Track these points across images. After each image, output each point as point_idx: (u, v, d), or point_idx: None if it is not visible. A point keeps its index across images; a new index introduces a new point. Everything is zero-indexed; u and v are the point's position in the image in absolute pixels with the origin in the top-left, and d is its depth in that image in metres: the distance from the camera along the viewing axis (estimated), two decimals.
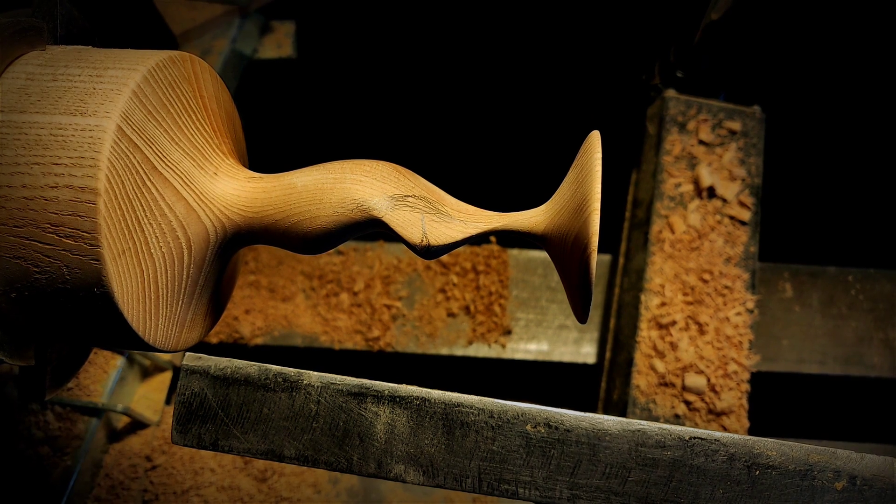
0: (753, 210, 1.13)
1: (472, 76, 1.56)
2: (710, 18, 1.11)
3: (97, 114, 0.48)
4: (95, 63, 0.52)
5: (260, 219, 0.58)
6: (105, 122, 0.48)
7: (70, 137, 0.48)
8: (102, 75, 0.51)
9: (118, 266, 0.49)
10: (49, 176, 0.47)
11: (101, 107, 0.49)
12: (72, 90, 0.50)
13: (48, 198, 0.47)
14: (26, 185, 0.48)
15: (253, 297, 1.23)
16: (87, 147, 0.48)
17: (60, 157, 0.48)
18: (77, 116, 0.48)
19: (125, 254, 0.50)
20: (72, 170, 0.47)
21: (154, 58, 0.53)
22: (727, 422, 1.02)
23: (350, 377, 0.48)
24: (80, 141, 0.48)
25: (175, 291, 0.56)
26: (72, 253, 0.48)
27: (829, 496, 0.46)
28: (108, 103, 0.49)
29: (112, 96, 0.49)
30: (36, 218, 0.48)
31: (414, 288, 1.25)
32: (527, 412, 0.47)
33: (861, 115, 1.43)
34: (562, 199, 0.56)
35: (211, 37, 1.31)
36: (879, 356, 1.17)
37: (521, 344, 1.22)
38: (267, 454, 0.47)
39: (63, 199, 0.47)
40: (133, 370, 1.10)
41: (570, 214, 0.54)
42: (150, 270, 0.53)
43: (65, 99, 0.49)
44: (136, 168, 0.50)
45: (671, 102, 1.19)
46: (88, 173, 0.47)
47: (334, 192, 0.56)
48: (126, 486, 1.06)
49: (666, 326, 1.06)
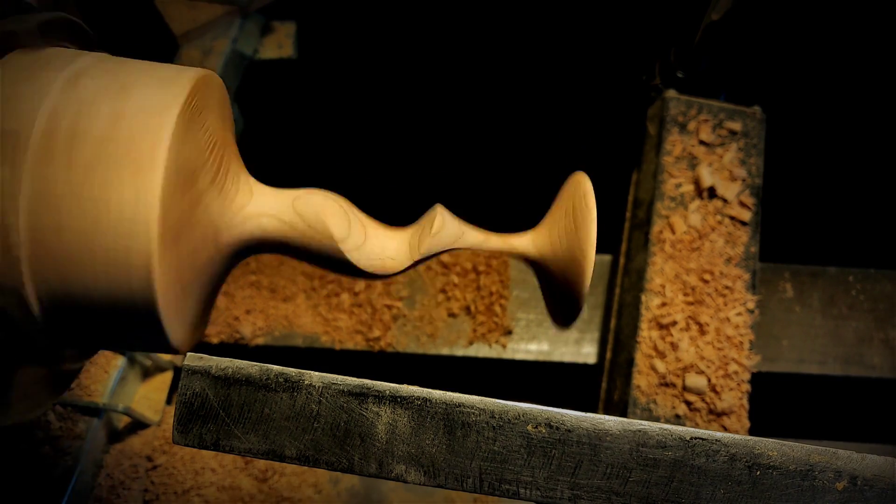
0: (754, 210, 1.13)
1: (473, 76, 1.56)
2: (710, 19, 1.11)
3: (151, 133, 0.49)
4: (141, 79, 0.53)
5: (280, 234, 0.59)
6: (161, 149, 0.48)
7: (129, 141, 0.48)
8: (153, 97, 0.51)
9: (164, 278, 0.50)
10: (111, 183, 0.48)
11: (153, 127, 0.49)
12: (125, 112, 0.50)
13: (109, 204, 0.48)
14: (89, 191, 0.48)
15: (254, 297, 1.23)
16: (146, 155, 0.48)
17: (115, 154, 0.48)
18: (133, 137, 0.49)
19: (169, 262, 0.50)
20: (134, 178, 0.48)
21: (194, 77, 0.53)
22: (728, 422, 1.02)
23: (351, 377, 0.48)
24: (140, 149, 0.48)
25: (196, 296, 0.57)
26: (121, 261, 0.48)
27: (830, 496, 0.46)
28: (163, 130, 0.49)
29: (165, 123, 0.49)
30: (94, 227, 0.48)
31: (415, 288, 1.25)
32: (528, 412, 0.47)
33: (861, 116, 1.43)
34: (553, 237, 0.60)
35: (211, 37, 1.31)
36: (880, 356, 1.17)
37: (522, 344, 1.22)
38: (268, 454, 0.47)
39: (123, 204, 0.48)
40: (134, 370, 1.10)
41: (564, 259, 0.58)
42: (186, 279, 0.54)
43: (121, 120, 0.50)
44: (184, 176, 0.51)
45: (671, 103, 1.19)
46: (148, 181, 0.48)
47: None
48: (127, 486, 1.06)
49: (666, 327, 1.06)
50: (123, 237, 0.48)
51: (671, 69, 1.20)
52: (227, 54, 1.30)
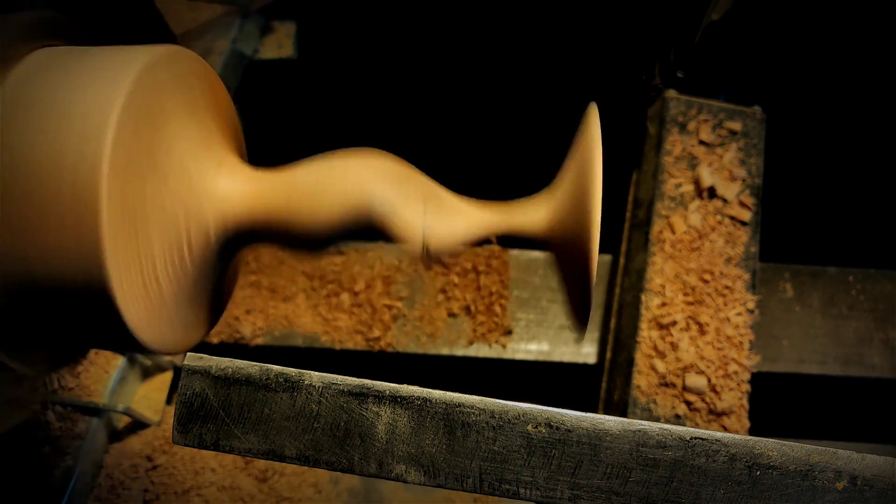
0: (754, 210, 1.13)
1: (473, 76, 1.56)
2: (710, 19, 1.11)
3: (99, 107, 0.48)
4: (97, 58, 0.52)
5: (262, 215, 0.57)
6: (106, 117, 0.47)
7: (74, 128, 0.47)
8: (104, 69, 0.50)
9: (118, 263, 0.49)
10: (52, 168, 0.47)
11: (101, 102, 0.48)
12: (74, 87, 0.49)
13: (50, 190, 0.47)
14: (29, 173, 0.47)
15: (254, 297, 1.24)
16: (91, 139, 0.47)
17: (64, 147, 0.47)
18: (78, 109, 0.48)
19: (126, 250, 0.49)
20: (76, 163, 0.47)
21: (154, 52, 0.52)
22: (728, 422, 1.02)
23: (351, 377, 0.48)
24: (83, 131, 0.47)
25: (176, 292, 0.56)
26: (72, 247, 0.47)
27: (830, 496, 0.46)
28: (109, 99, 0.48)
29: (112, 93, 0.48)
30: (38, 211, 0.47)
31: (415, 288, 1.25)
32: (528, 412, 0.47)
33: (861, 116, 1.43)
34: (562, 194, 0.56)
35: (211, 37, 1.31)
36: (880, 356, 1.17)
37: (522, 344, 1.22)
38: (268, 454, 0.47)
39: (65, 192, 0.47)
40: (134, 370, 1.10)
41: (571, 214, 0.54)
42: (151, 269, 0.52)
43: (66, 95, 0.49)
44: (136, 164, 0.50)
45: (672, 103, 1.19)
46: (92, 167, 0.47)
47: (335, 189, 0.56)
48: (127, 486, 1.06)
49: (666, 327, 1.06)
50: (73, 228, 0.47)
51: (671, 69, 1.20)
52: (227, 54, 1.30)
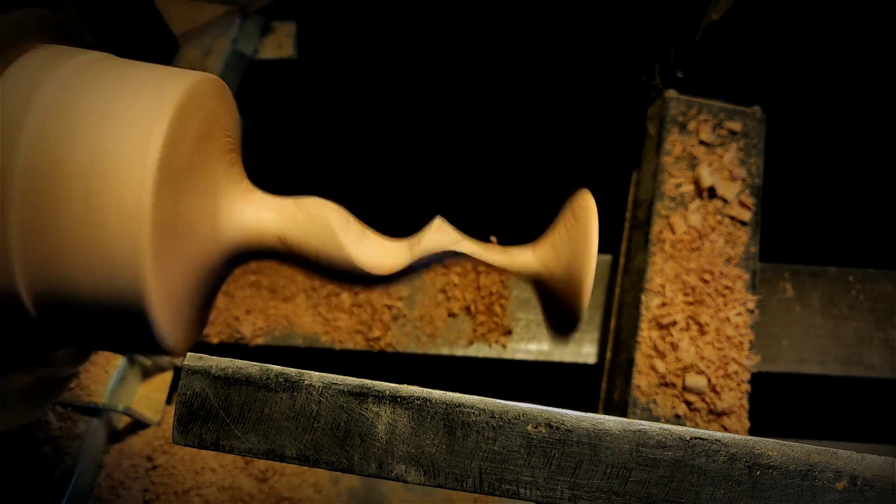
0: (754, 210, 1.13)
1: (473, 76, 1.56)
2: (710, 19, 1.11)
3: (148, 119, 0.50)
4: (137, 71, 0.54)
5: (291, 243, 0.60)
6: (157, 130, 0.49)
7: (122, 135, 0.49)
8: (149, 82, 0.52)
9: (156, 274, 0.50)
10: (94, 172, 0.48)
11: (151, 113, 0.50)
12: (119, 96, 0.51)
13: (92, 193, 0.48)
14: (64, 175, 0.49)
15: (254, 297, 1.24)
16: (141, 148, 0.49)
17: (110, 153, 0.49)
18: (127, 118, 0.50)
19: (160, 262, 0.51)
20: (123, 170, 0.48)
21: (198, 75, 0.55)
22: (728, 422, 1.02)
23: (351, 377, 0.48)
24: (133, 139, 0.49)
25: (192, 300, 0.57)
26: (114, 255, 0.49)
27: (830, 496, 0.46)
28: (159, 112, 0.50)
29: (162, 106, 0.50)
30: (75, 214, 0.49)
31: (415, 288, 1.25)
32: (528, 412, 0.47)
33: (861, 116, 1.43)
34: (553, 253, 0.61)
35: (212, 37, 1.31)
36: (880, 356, 1.17)
37: (522, 344, 1.22)
38: (268, 454, 0.47)
39: (109, 197, 0.48)
40: (134, 370, 1.10)
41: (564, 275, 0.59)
42: (177, 279, 0.54)
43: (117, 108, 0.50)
44: (175, 178, 0.51)
45: (671, 103, 1.19)
46: (141, 176, 0.48)
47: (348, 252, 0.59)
48: (127, 486, 1.06)
49: (666, 327, 1.06)
50: (115, 237, 0.48)
51: (671, 69, 1.20)
52: (227, 54, 1.30)
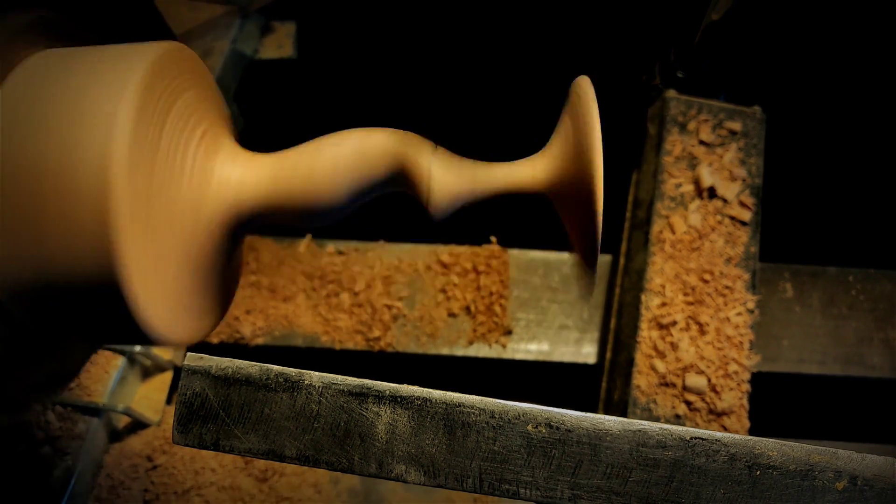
0: (754, 210, 1.13)
1: (473, 76, 1.56)
2: (710, 19, 1.11)
3: (107, 104, 0.49)
4: (100, 56, 0.53)
5: (281, 195, 0.59)
6: (115, 112, 0.48)
7: (82, 125, 0.48)
8: (108, 67, 0.51)
9: (132, 257, 0.49)
10: (61, 166, 0.48)
11: (109, 99, 0.49)
12: (80, 86, 0.50)
13: (60, 188, 0.48)
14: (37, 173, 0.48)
15: (254, 297, 1.24)
16: (100, 134, 0.48)
17: (72, 144, 0.48)
18: (86, 107, 0.49)
19: (139, 243, 0.50)
20: (87, 151, 0.48)
21: (156, 49, 0.54)
22: (728, 422, 1.02)
23: (351, 377, 0.48)
24: (92, 127, 0.48)
25: (190, 282, 0.57)
26: (85, 243, 0.48)
27: (830, 496, 0.46)
28: (117, 95, 0.49)
29: (119, 89, 0.49)
30: (47, 209, 0.48)
31: (415, 288, 1.25)
32: (528, 412, 0.47)
33: (861, 116, 1.43)
34: (560, 146, 0.59)
35: (212, 37, 1.31)
36: (880, 356, 1.17)
37: (522, 344, 1.22)
38: (268, 454, 0.47)
39: (75, 189, 0.47)
40: (134, 370, 1.10)
41: (573, 163, 0.56)
42: (165, 262, 0.53)
43: (72, 94, 0.50)
44: (146, 157, 0.51)
45: (672, 103, 1.19)
46: (102, 161, 0.47)
47: (351, 150, 0.60)
48: (127, 486, 1.06)
49: (666, 326, 1.06)
50: (84, 217, 0.47)
51: (671, 69, 1.20)
52: (227, 54, 1.30)
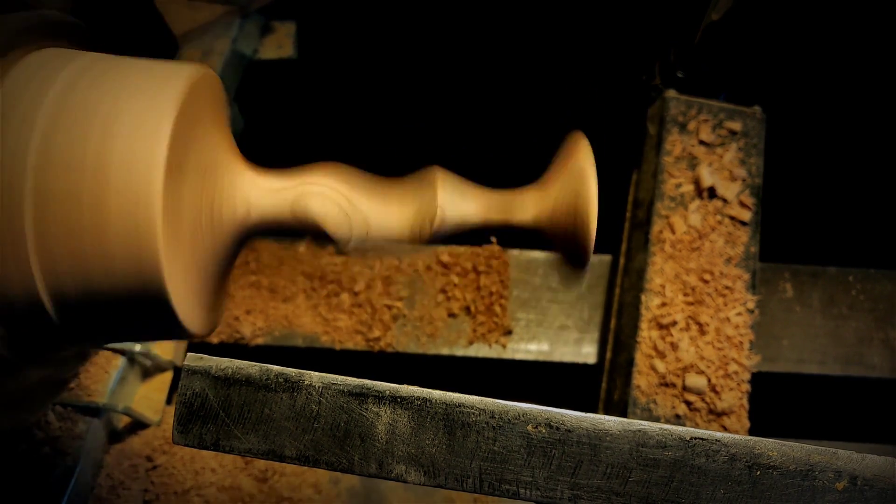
0: (754, 210, 1.13)
1: (473, 76, 1.56)
2: (710, 19, 1.11)
3: (152, 114, 0.51)
4: (136, 69, 0.55)
5: (296, 214, 0.62)
6: (161, 122, 0.50)
7: (127, 131, 0.50)
8: (149, 80, 0.53)
9: (170, 260, 0.51)
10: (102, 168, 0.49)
11: (154, 110, 0.51)
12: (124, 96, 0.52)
13: (102, 190, 0.49)
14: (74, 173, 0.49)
15: (254, 297, 1.23)
16: (147, 142, 0.50)
17: (117, 149, 0.50)
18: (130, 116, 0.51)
19: (173, 247, 0.52)
20: (132, 160, 0.49)
21: (194, 68, 0.56)
22: (728, 422, 1.02)
23: (351, 377, 0.48)
24: (138, 134, 0.50)
25: (208, 280, 0.59)
26: (127, 247, 0.50)
27: (830, 496, 0.46)
28: (162, 107, 0.51)
29: (165, 102, 0.51)
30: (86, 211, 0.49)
31: (415, 288, 1.25)
32: (528, 412, 0.47)
33: (861, 115, 1.43)
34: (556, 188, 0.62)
35: (211, 37, 1.31)
36: (880, 356, 1.17)
37: (522, 344, 1.22)
38: (268, 454, 0.47)
39: (119, 192, 0.49)
40: (134, 370, 1.10)
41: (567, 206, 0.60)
42: (192, 262, 0.55)
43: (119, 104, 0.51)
44: (181, 165, 0.53)
45: (671, 103, 1.19)
46: (148, 167, 0.49)
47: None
48: (127, 486, 1.06)
49: (666, 327, 1.06)
50: (128, 228, 0.49)
51: (671, 69, 1.20)
52: (227, 54, 1.30)
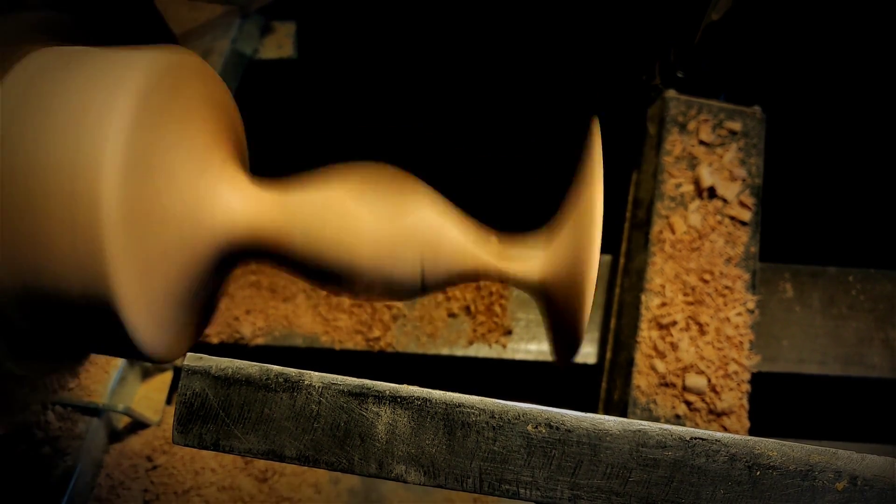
0: (754, 210, 1.13)
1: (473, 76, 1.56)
2: (710, 19, 1.11)
3: (100, 110, 0.47)
4: (98, 59, 0.51)
5: (271, 240, 0.56)
6: (107, 119, 0.47)
7: (74, 130, 0.47)
8: (105, 70, 0.49)
9: (121, 269, 0.48)
10: (52, 171, 0.47)
11: (102, 104, 0.47)
12: (75, 89, 0.49)
13: (51, 193, 0.47)
14: (30, 177, 0.47)
15: (254, 297, 1.23)
16: (91, 141, 0.47)
17: (64, 150, 0.47)
18: (79, 112, 0.47)
19: (128, 256, 0.49)
20: (79, 154, 0.46)
21: (156, 55, 0.51)
22: (728, 422, 1.02)
23: (351, 377, 0.48)
24: (83, 133, 0.47)
25: (175, 300, 0.55)
26: (75, 252, 0.47)
27: (830, 496, 0.46)
28: (111, 101, 0.48)
29: (113, 95, 0.48)
30: (39, 214, 0.47)
31: None
32: (528, 412, 0.47)
33: (861, 115, 1.43)
34: (558, 247, 0.56)
35: (211, 37, 1.31)
36: (880, 356, 1.17)
37: (522, 344, 1.22)
38: (268, 454, 0.47)
39: (65, 195, 0.47)
40: (134, 370, 1.10)
41: (566, 270, 0.54)
42: (153, 276, 0.51)
43: (70, 98, 0.48)
44: (138, 167, 0.49)
45: (671, 103, 1.19)
46: (91, 170, 0.46)
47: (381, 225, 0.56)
48: (127, 486, 1.06)
49: (666, 327, 1.06)
50: (77, 232, 0.47)
51: (671, 69, 1.20)
52: (227, 54, 1.30)
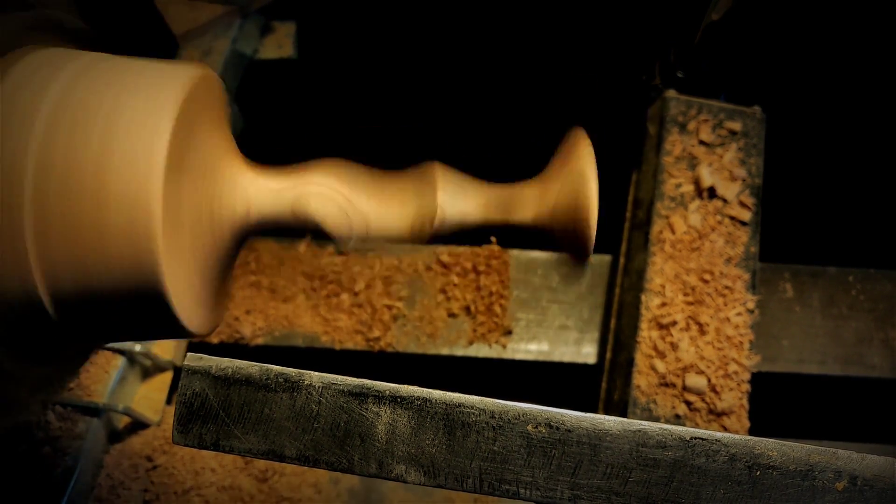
0: (754, 210, 1.13)
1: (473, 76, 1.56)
2: (710, 19, 1.11)
3: (152, 115, 0.51)
4: (138, 69, 0.55)
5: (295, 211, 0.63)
6: (161, 123, 0.51)
7: (127, 132, 0.50)
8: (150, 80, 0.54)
9: (169, 260, 0.52)
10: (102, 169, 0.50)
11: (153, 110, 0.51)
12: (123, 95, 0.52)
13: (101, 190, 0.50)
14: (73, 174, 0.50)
15: (254, 297, 1.23)
16: (146, 142, 0.50)
17: (116, 150, 0.50)
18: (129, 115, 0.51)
19: (172, 247, 0.52)
20: (130, 159, 0.50)
21: (194, 68, 0.57)
22: (728, 422, 1.02)
23: (351, 377, 0.48)
24: (138, 135, 0.50)
25: (209, 278, 0.60)
26: (126, 246, 0.50)
27: (830, 496, 0.46)
28: (162, 107, 0.52)
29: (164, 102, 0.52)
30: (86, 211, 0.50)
31: (415, 288, 1.25)
32: (528, 412, 0.47)
33: (861, 115, 1.43)
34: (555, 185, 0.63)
35: (211, 37, 1.31)
36: (880, 356, 1.17)
37: (522, 344, 1.22)
38: (268, 454, 0.47)
39: (118, 192, 0.49)
40: (134, 370, 1.10)
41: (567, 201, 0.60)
42: (191, 261, 0.56)
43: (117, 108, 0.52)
44: (179, 165, 0.53)
45: (671, 103, 1.19)
46: (148, 167, 0.50)
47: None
48: (127, 486, 1.06)
49: (666, 327, 1.06)
50: (127, 228, 0.50)
51: (671, 69, 1.20)
52: (227, 54, 1.30)
